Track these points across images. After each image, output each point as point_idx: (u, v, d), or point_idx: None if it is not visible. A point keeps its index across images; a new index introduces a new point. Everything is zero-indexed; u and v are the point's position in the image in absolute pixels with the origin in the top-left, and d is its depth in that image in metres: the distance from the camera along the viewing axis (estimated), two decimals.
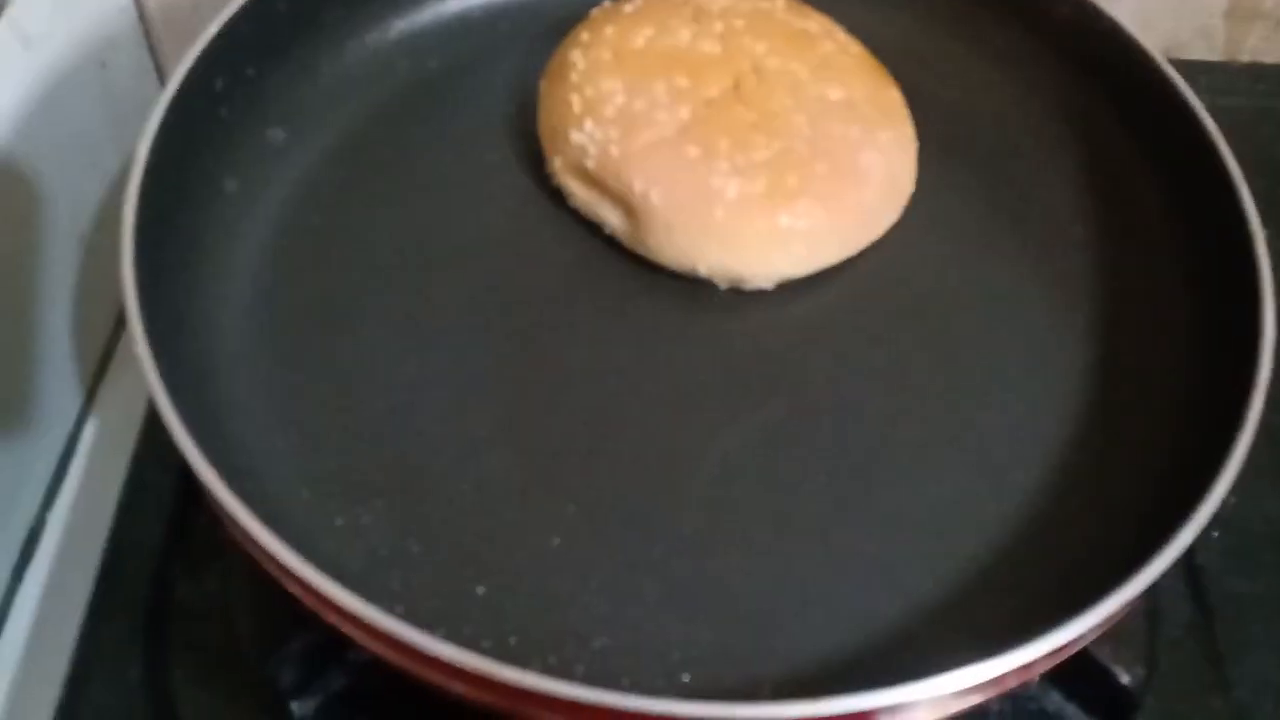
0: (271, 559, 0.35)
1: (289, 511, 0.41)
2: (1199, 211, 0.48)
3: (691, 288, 0.48)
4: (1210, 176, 0.47)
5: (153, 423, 0.50)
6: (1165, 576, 0.38)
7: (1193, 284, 0.48)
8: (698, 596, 0.41)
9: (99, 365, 0.59)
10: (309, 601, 0.36)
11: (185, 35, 0.49)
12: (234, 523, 0.36)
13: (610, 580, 0.41)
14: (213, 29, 0.47)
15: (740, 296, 0.49)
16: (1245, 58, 0.70)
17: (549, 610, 0.40)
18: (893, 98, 0.51)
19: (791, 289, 0.49)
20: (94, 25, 0.59)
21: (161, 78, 0.67)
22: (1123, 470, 0.44)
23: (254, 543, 0.35)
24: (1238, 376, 0.42)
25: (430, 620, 0.39)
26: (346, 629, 0.36)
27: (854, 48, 0.52)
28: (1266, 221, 0.58)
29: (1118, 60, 0.51)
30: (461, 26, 0.56)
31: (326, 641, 0.41)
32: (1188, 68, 0.66)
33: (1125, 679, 0.43)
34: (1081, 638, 0.37)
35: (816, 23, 0.53)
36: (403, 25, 0.54)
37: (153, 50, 0.66)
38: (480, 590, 0.40)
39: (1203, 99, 0.64)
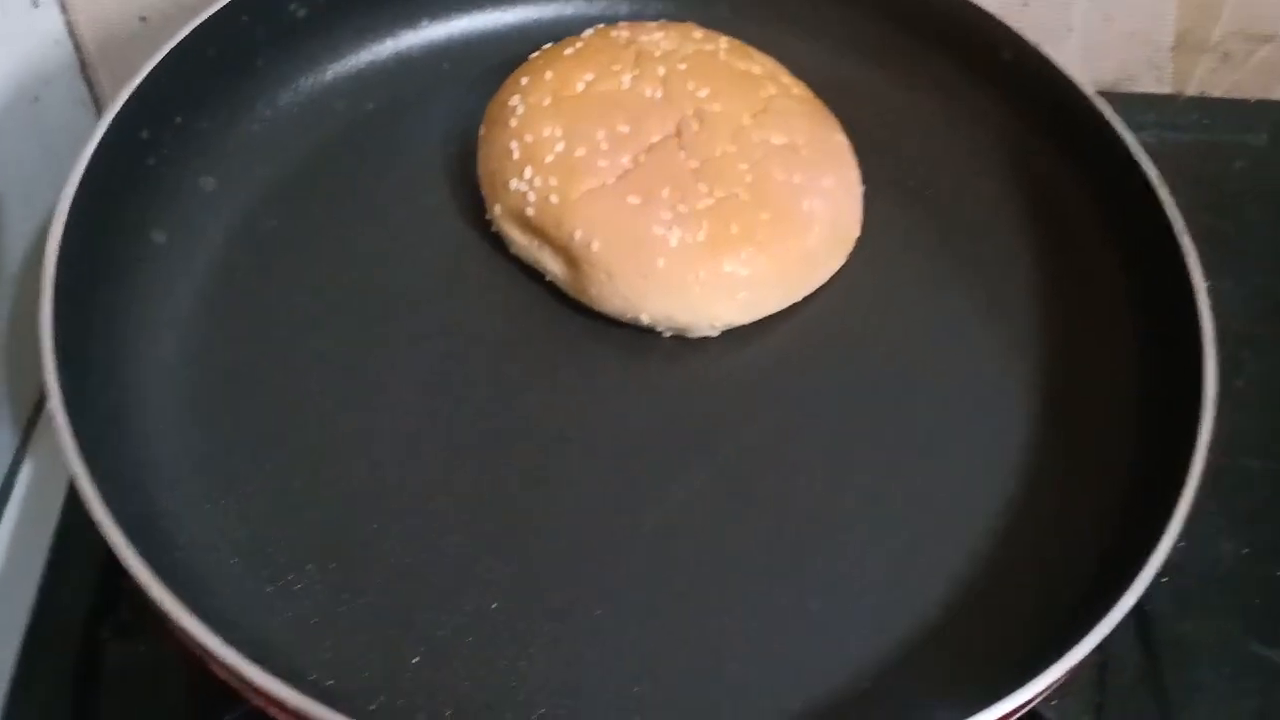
0: (193, 640, 0.34)
1: (218, 580, 0.40)
2: (1141, 254, 0.47)
3: (635, 336, 0.48)
4: (1151, 221, 0.46)
5: None
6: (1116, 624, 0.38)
7: (1138, 328, 0.48)
8: (641, 660, 0.40)
9: (34, 407, 0.57)
10: (234, 683, 0.35)
11: (123, 67, 0.48)
12: (154, 603, 0.35)
13: (550, 645, 0.40)
14: (138, 79, 0.45)
15: (685, 344, 0.48)
16: (1193, 90, 0.70)
17: (487, 679, 0.39)
18: (837, 141, 0.51)
19: (736, 336, 0.48)
20: (26, 59, 0.58)
21: (99, 110, 0.66)
22: (1071, 522, 0.44)
23: (175, 624, 0.34)
24: (1182, 425, 0.42)
25: (364, 692, 0.38)
26: (272, 711, 0.35)
27: (798, 90, 0.52)
28: (1214, 257, 0.59)
29: (1059, 102, 0.50)
30: (401, 67, 0.54)
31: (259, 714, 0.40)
32: (1136, 101, 0.68)
33: None
34: (1031, 700, 0.37)
35: (761, 65, 0.52)
36: (340, 67, 0.53)
37: (89, 83, 0.65)
38: (415, 659, 0.39)
39: (1150, 133, 0.65)
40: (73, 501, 0.49)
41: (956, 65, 0.54)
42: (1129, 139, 0.48)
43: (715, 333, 0.48)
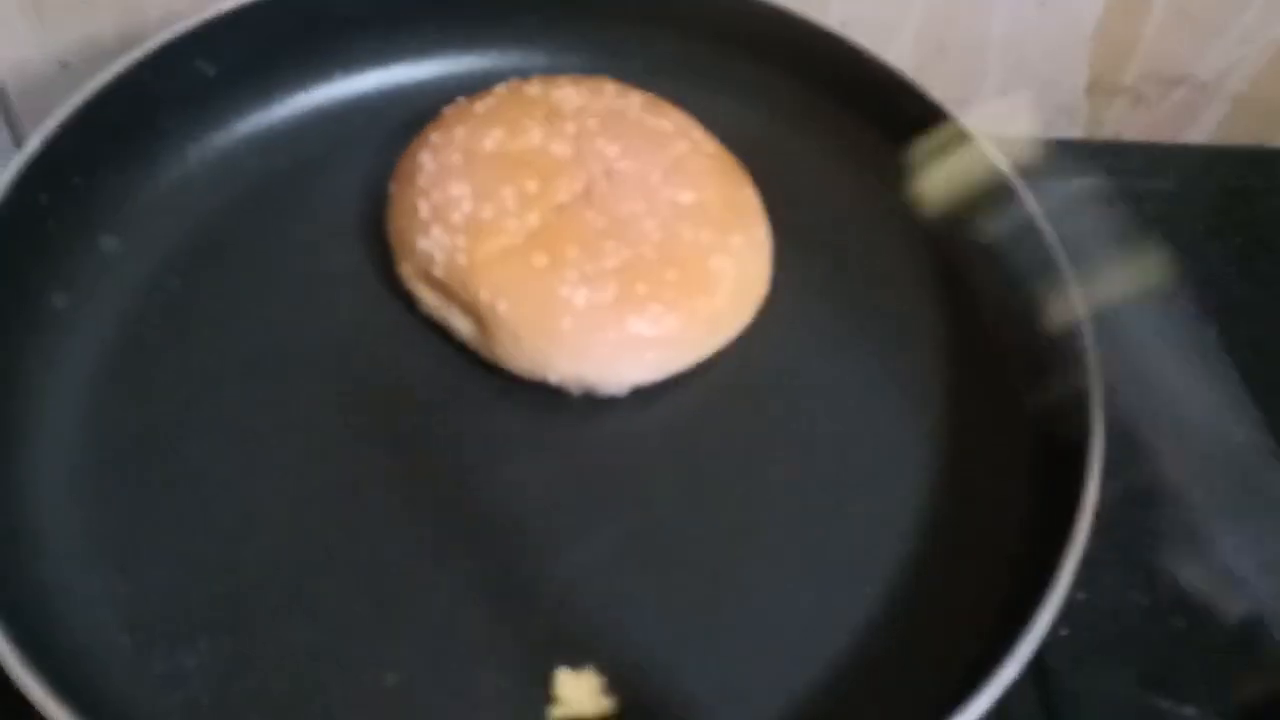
0: None
1: (105, 661, 0.39)
2: (1037, 315, 0.48)
3: (545, 395, 0.48)
4: (1047, 283, 0.47)
5: None
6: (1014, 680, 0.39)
7: (1032, 382, 0.48)
8: None
9: None
10: None
11: (47, 112, 0.47)
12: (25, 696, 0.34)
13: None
14: (34, 143, 0.45)
15: (594, 403, 0.48)
16: (1106, 134, 0.71)
17: None
18: (746, 197, 0.51)
19: (645, 394, 0.48)
20: None
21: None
22: (969, 576, 0.44)
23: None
24: (1072, 476, 0.43)
25: None
26: None
27: (709, 146, 0.52)
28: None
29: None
30: (315, 121, 0.54)
31: None
32: (1049, 146, 0.68)
33: None
34: None
35: (673, 121, 0.52)
36: (249, 123, 0.53)
37: (12, 129, 0.64)
38: None
39: (1064, 179, 0.66)
40: None
41: (865, 123, 0.54)
42: (1028, 200, 0.49)
43: (624, 391, 0.48)
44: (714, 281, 0.48)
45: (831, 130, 0.55)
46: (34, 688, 0.35)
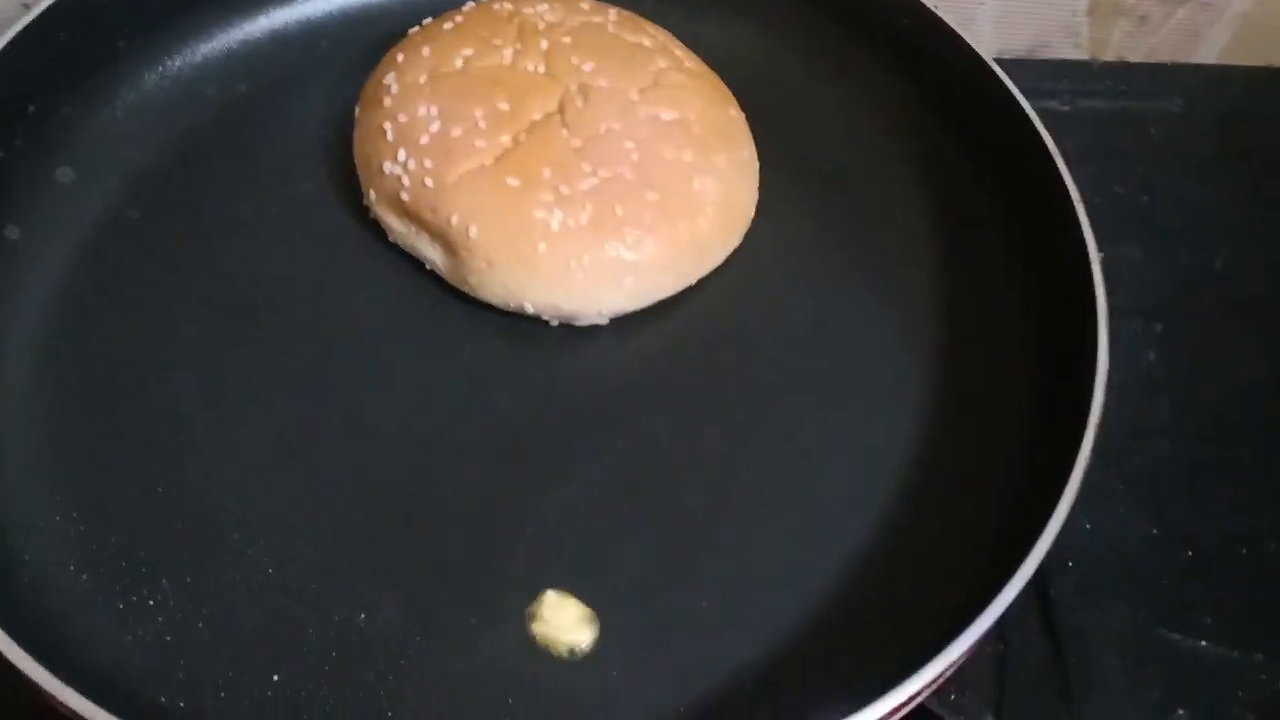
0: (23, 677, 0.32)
1: (65, 599, 0.37)
2: (1036, 231, 0.46)
3: (521, 325, 0.46)
4: (1048, 197, 0.45)
5: None
6: (1017, 611, 0.37)
7: (1030, 304, 0.46)
8: (518, 671, 0.38)
9: None
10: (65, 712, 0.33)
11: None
12: None
13: (421, 663, 0.38)
14: None
15: (572, 333, 0.46)
16: (1109, 55, 0.68)
17: (354, 702, 0.37)
18: (731, 117, 0.49)
19: (626, 323, 0.46)
20: None
21: None
22: (966, 507, 0.42)
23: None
24: (1074, 401, 0.41)
25: (220, 714, 0.36)
26: None
27: (691, 64, 0.50)
28: (1127, 228, 0.58)
29: (959, 72, 0.49)
30: (276, 46, 0.52)
31: None
32: (1050, 68, 0.66)
33: None
34: (922, 691, 0.36)
35: (652, 37, 0.50)
36: (209, 47, 0.50)
37: None
38: (276, 678, 0.37)
39: (1065, 100, 0.63)
40: None
41: (855, 37, 0.52)
42: (1028, 109, 0.46)
43: (604, 320, 0.46)
44: (697, 204, 0.46)
45: (821, 48, 0.53)
46: None
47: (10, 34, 0.44)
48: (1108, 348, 0.41)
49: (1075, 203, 0.43)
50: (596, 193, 0.44)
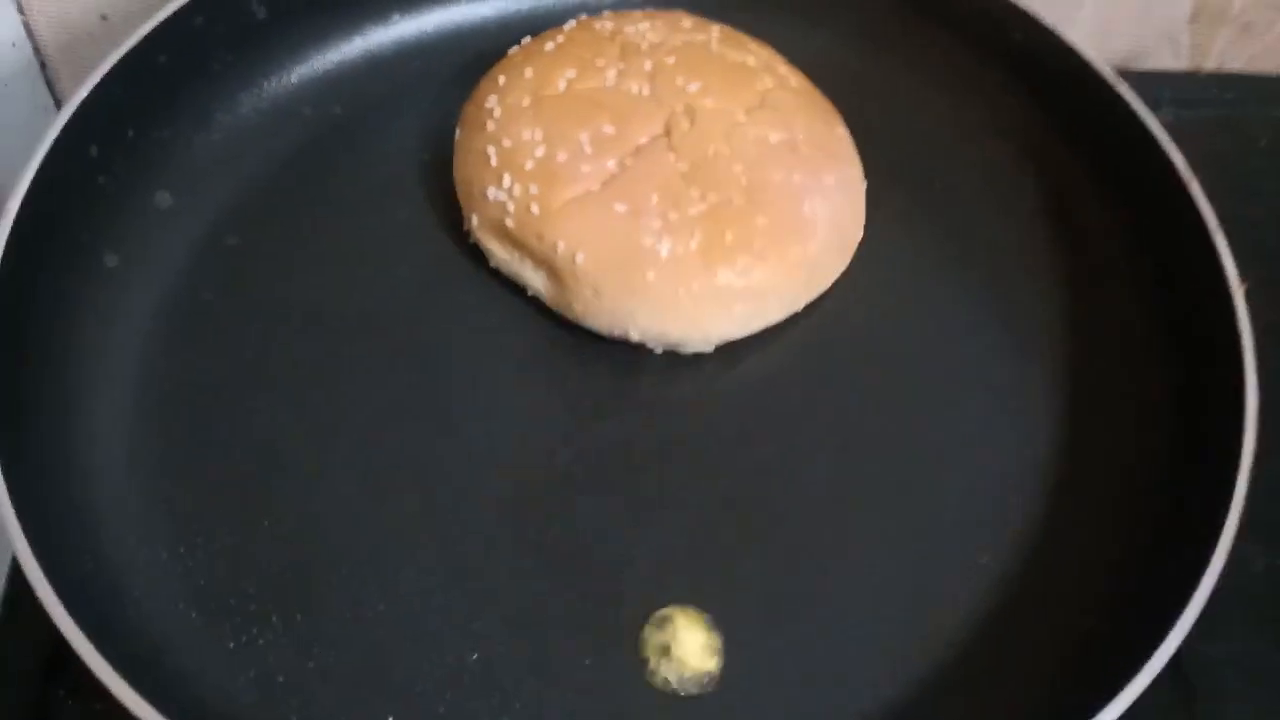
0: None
1: (176, 637, 0.37)
2: (1167, 250, 0.44)
3: (625, 353, 0.44)
4: (1178, 216, 0.43)
5: None
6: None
7: (1165, 331, 0.44)
8: (631, 710, 0.37)
9: None
10: None
11: (85, 68, 0.44)
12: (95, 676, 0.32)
13: (536, 700, 0.37)
14: (81, 92, 0.42)
15: (678, 360, 0.45)
16: (1211, 65, 0.66)
17: None
18: (838, 136, 0.47)
19: (732, 351, 0.45)
20: None
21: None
22: (1099, 545, 0.41)
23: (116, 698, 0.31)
24: (1221, 440, 0.39)
25: None
26: None
27: (796, 81, 0.48)
28: (1235, 243, 0.55)
29: (1076, 87, 0.47)
30: (370, 66, 0.51)
31: None
32: (1151, 78, 0.64)
33: None
34: None
35: (755, 55, 0.48)
36: (304, 69, 0.50)
37: (50, 85, 0.62)
38: (390, 718, 0.36)
39: (1167, 111, 0.61)
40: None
41: (964, 48, 0.50)
42: (1154, 126, 0.44)
43: (710, 348, 0.45)
44: (807, 228, 0.44)
45: (924, 58, 0.51)
46: (103, 669, 0.33)
47: (112, 60, 0.44)
48: (1257, 388, 0.39)
49: (1212, 229, 0.41)
50: (705, 218, 0.43)
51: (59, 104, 0.63)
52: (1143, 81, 0.62)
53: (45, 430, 0.39)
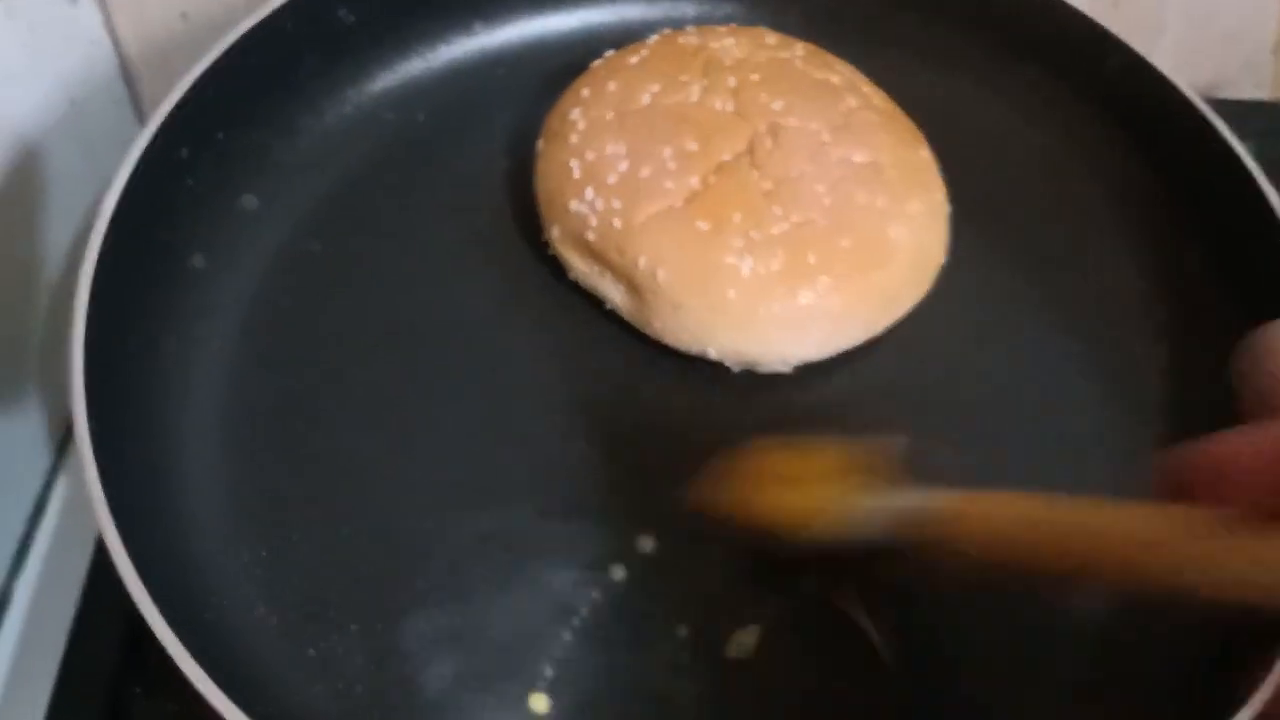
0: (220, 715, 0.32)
1: (255, 641, 0.37)
2: (1259, 295, 0.43)
3: (701, 369, 0.44)
4: (1272, 258, 0.42)
5: None
6: None
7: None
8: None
9: (68, 425, 0.55)
10: None
11: (164, 66, 0.45)
12: (181, 672, 0.32)
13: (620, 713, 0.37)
14: (176, 94, 0.42)
15: (756, 379, 0.44)
16: None
17: None
18: (923, 159, 0.47)
19: (811, 372, 0.44)
20: (62, 60, 0.55)
21: (140, 112, 0.63)
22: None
23: (201, 696, 0.32)
24: None
25: None
26: None
27: (880, 101, 0.48)
28: None
29: (1167, 120, 0.46)
30: (453, 75, 0.51)
31: None
32: (1233, 107, 0.62)
33: None
34: None
35: (840, 74, 0.48)
36: (388, 77, 0.50)
37: (129, 83, 0.62)
38: None
39: (1249, 143, 0.60)
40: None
41: (1051, 74, 0.49)
42: (1249, 162, 0.44)
43: (788, 369, 0.44)
44: (890, 252, 0.44)
45: (1009, 83, 0.51)
46: (191, 668, 0.33)
47: (204, 64, 0.44)
48: None
49: None
50: (788, 238, 0.43)
51: (136, 102, 0.63)
52: (1224, 111, 0.61)
53: (136, 429, 0.39)
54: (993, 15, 0.51)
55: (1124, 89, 0.47)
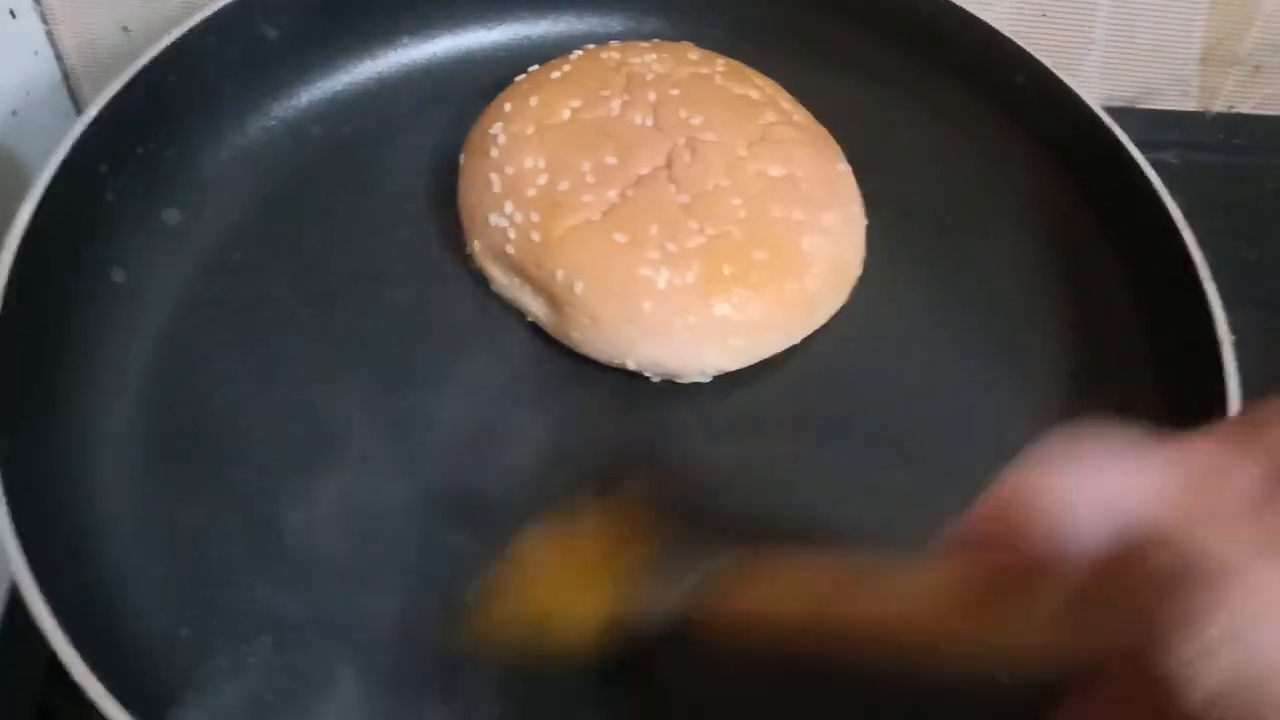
0: None
1: (167, 652, 0.37)
2: (1162, 294, 0.44)
3: (622, 380, 0.45)
4: (1172, 261, 0.43)
5: None
6: None
7: (1159, 372, 0.45)
8: None
9: None
10: None
11: (107, 78, 0.45)
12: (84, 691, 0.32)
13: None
14: (92, 110, 0.43)
15: (674, 389, 0.45)
16: (1220, 106, 0.66)
17: None
18: (839, 172, 0.48)
19: (729, 381, 0.45)
20: (3, 70, 0.56)
21: None
22: None
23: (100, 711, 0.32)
24: None
25: None
26: None
27: (800, 116, 0.49)
28: (1240, 288, 0.56)
29: (1075, 129, 0.47)
30: (380, 89, 0.52)
31: None
32: (1159, 118, 0.64)
33: None
34: None
35: (760, 89, 0.49)
36: (314, 91, 0.50)
37: (72, 94, 0.63)
38: None
39: (1174, 152, 0.62)
40: None
41: (966, 89, 0.50)
42: (1150, 172, 0.45)
43: (707, 378, 0.45)
44: (805, 263, 0.45)
45: (927, 97, 0.51)
46: (91, 685, 0.33)
47: (125, 77, 0.44)
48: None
49: (1204, 280, 0.42)
50: (703, 251, 0.44)
51: (80, 113, 0.64)
52: (1151, 122, 0.63)
53: (48, 442, 0.39)
54: (916, 31, 0.52)
55: (1034, 102, 0.48)
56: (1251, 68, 0.65)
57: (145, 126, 0.45)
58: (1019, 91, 0.48)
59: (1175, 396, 0.43)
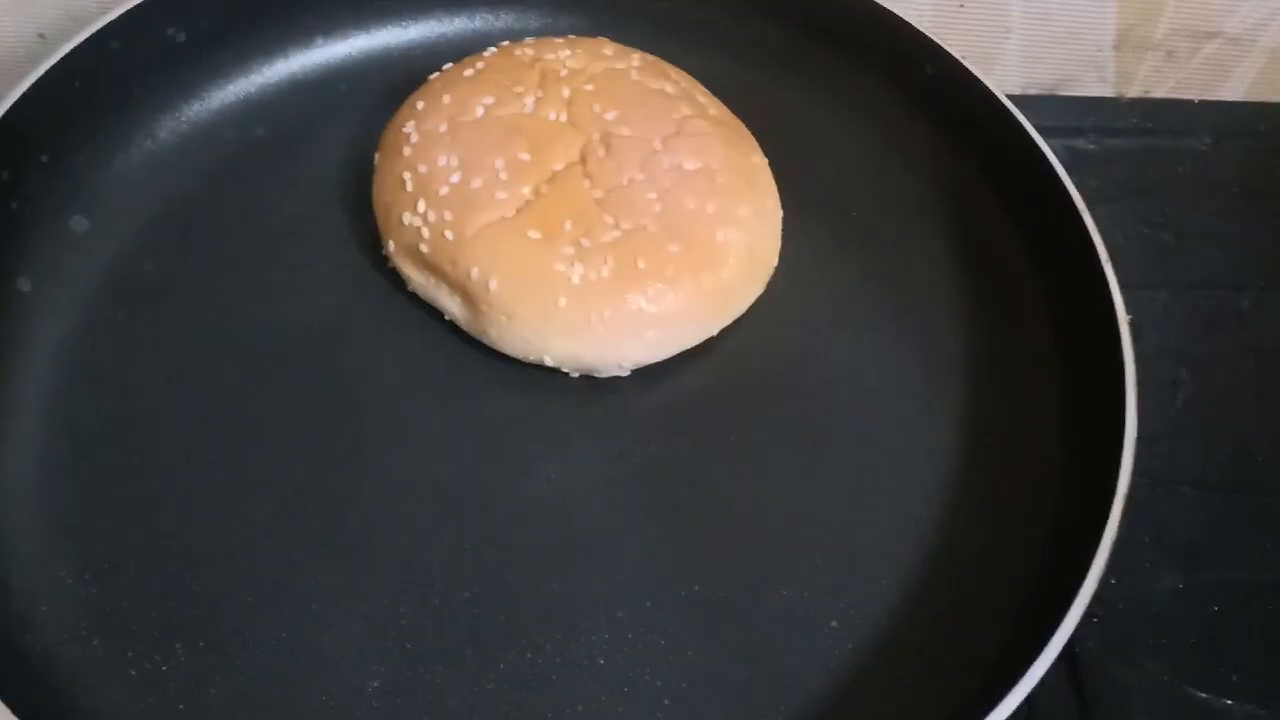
0: None
1: (77, 664, 0.37)
2: (1064, 279, 0.45)
3: (540, 377, 0.45)
4: (1075, 247, 0.44)
5: None
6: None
7: (1062, 355, 0.45)
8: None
9: None
10: None
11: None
12: None
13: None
14: None
15: (593, 384, 0.45)
16: (1135, 91, 0.67)
17: None
18: (754, 164, 0.48)
19: (648, 374, 0.45)
20: None
21: None
22: (996, 558, 0.42)
23: None
24: (1105, 460, 0.40)
25: None
26: None
27: (715, 110, 0.49)
28: (1153, 269, 0.57)
29: (983, 119, 0.48)
30: (294, 89, 0.51)
31: None
32: (1076, 104, 0.65)
33: None
34: None
35: (675, 83, 0.49)
36: (226, 92, 0.50)
37: None
38: None
39: (1090, 138, 0.63)
40: None
41: (880, 81, 0.51)
42: (1052, 158, 0.46)
43: (625, 372, 0.45)
44: (720, 255, 0.45)
45: (845, 91, 0.52)
46: None
47: (26, 83, 0.44)
48: (1136, 415, 0.40)
49: (1103, 262, 0.42)
50: (618, 245, 0.44)
51: None
52: (1067, 107, 0.64)
53: None
54: (830, 25, 0.52)
55: (942, 91, 0.49)
56: (1165, 53, 0.66)
57: (49, 133, 0.45)
58: (928, 81, 0.49)
59: (1076, 378, 0.44)
